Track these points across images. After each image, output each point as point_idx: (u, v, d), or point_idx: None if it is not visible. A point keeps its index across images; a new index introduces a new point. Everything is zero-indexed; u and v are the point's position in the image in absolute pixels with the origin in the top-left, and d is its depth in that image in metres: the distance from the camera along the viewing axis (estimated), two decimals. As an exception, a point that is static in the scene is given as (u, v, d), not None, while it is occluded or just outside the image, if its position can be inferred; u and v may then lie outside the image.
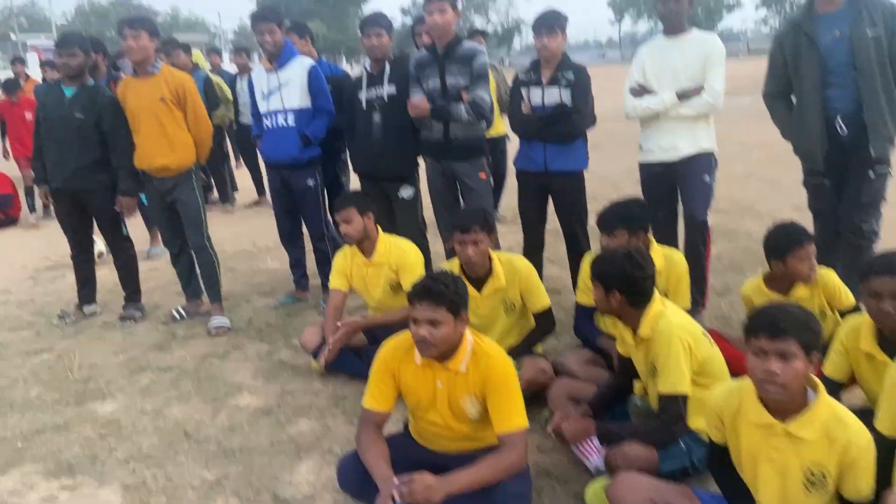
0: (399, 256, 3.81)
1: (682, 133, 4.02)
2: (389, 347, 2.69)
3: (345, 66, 53.43)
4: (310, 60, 4.66)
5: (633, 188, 8.52)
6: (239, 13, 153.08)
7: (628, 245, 3.16)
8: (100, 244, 6.15)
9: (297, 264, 5.09)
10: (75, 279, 4.92)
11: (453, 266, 3.42)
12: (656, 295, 2.70)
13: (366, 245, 3.83)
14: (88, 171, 4.47)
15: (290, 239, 5.02)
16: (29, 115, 8.23)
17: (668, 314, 2.64)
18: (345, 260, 3.95)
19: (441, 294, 2.41)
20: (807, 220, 3.53)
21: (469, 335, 2.58)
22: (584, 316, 3.55)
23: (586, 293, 3.49)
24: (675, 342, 2.55)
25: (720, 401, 2.20)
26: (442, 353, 2.49)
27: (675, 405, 2.55)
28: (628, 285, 2.64)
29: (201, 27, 77.86)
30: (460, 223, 3.27)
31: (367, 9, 79.43)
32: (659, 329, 2.60)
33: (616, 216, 3.27)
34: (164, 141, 4.36)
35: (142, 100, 4.34)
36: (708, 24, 70.41)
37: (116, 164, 4.49)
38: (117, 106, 4.44)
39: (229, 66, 11.70)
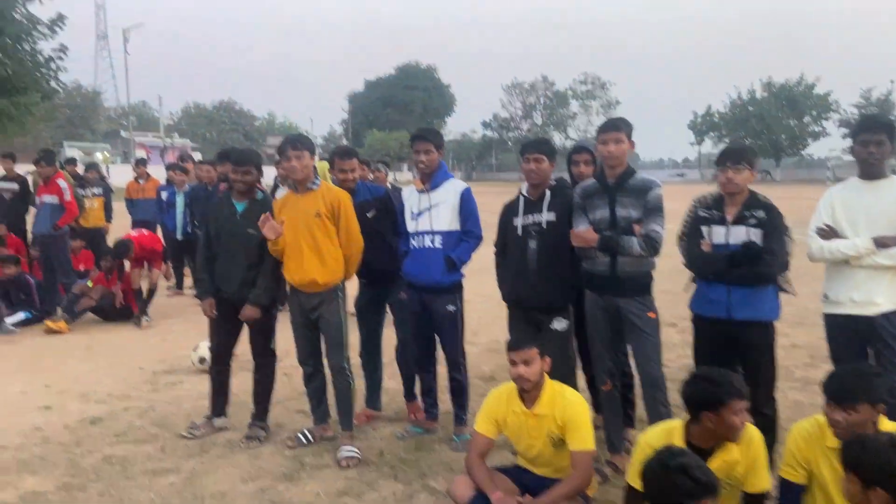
0: (565, 409, 3.41)
1: (880, 285, 3.61)
2: None
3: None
4: (463, 183, 4.54)
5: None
6: (329, 120, 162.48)
7: (869, 422, 2.71)
8: (202, 350, 6.04)
9: (429, 391, 4.78)
10: (210, 388, 4.80)
11: (672, 435, 2.94)
12: (930, 493, 2.24)
13: (531, 392, 3.48)
14: (253, 283, 4.48)
15: (423, 364, 4.74)
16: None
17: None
18: (499, 404, 3.57)
19: (717, 487, 2.05)
20: None
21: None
22: (790, 497, 3.04)
23: (795, 469, 3.00)
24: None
25: None
26: None
27: None
28: (898, 482, 2.20)
29: (293, 131, 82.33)
30: (740, 391, 2.83)
31: (451, 121, 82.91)
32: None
33: (858, 387, 2.75)
34: (316, 256, 4.25)
35: (298, 215, 4.28)
36: (792, 151, 69.89)
37: (278, 275, 4.45)
38: None
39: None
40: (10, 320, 7.67)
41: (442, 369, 4.73)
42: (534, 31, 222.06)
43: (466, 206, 4.46)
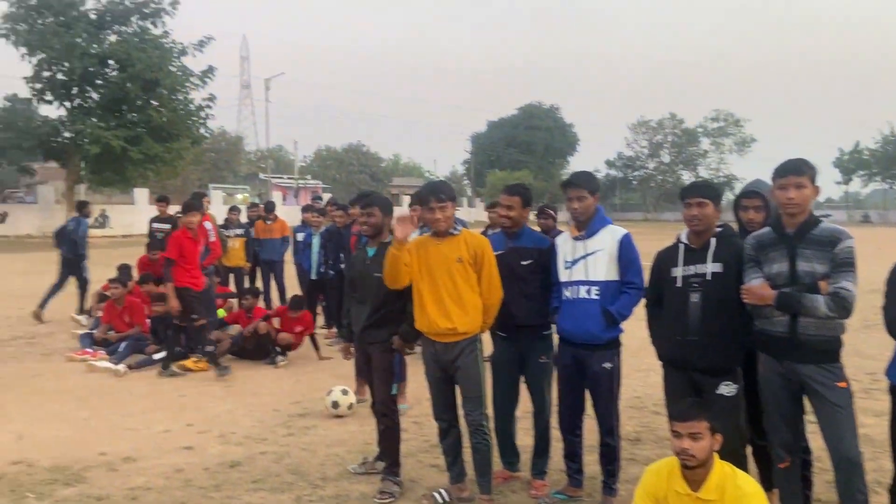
0: (738, 500, 2.99)
1: None
2: None
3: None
4: (622, 229, 4.20)
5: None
6: (452, 161, 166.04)
7: None
8: (335, 394, 5.98)
9: (574, 455, 4.41)
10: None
11: None
12: None
13: (696, 471, 3.07)
14: (374, 327, 4.42)
15: (570, 425, 4.37)
16: None
17: None
18: (658, 481, 3.19)
19: None
20: None
21: None
22: None
23: None
24: None
25: None
26: None
27: None
28: None
29: (417, 172, 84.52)
30: None
31: (573, 161, 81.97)
32: None
33: None
34: (455, 303, 4.07)
35: (438, 260, 4.12)
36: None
37: (410, 310, 4.30)
38: None
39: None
40: (156, 357, 7.99)
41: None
42: (661, 68, 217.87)
43: (627, 254, 4.12)
